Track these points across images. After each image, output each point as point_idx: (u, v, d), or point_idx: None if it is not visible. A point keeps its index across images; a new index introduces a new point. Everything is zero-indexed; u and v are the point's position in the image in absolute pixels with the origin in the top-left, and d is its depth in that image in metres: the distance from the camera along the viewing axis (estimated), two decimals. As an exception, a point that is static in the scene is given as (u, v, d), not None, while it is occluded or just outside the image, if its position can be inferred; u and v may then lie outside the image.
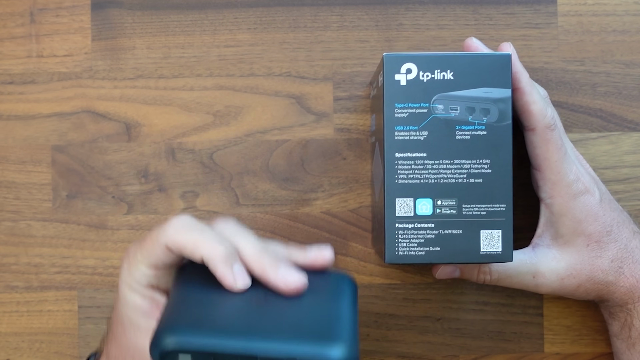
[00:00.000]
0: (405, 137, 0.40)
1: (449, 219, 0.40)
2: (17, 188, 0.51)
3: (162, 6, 0.51)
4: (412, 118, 0.40)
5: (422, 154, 0.40)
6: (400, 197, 0.40)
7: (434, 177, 0.40)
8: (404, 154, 0.40)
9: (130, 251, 0.39)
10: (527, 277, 0.45)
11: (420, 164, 0.40)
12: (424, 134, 0.40)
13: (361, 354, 0.51)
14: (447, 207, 0.40)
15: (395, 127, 0.40)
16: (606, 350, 0.50)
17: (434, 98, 0.40)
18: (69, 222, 0.51)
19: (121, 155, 0.51)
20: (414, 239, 0.40)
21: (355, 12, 0.51)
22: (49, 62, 0.51)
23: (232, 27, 0.51)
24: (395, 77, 0.40)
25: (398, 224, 0.40)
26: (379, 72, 0.42)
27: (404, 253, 0.40)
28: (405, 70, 0.40)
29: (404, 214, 0.40)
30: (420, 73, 0.40)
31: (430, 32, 0.51)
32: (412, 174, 0.40)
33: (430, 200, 0.40)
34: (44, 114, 0.51)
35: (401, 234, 0.40)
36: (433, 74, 0.40)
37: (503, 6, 0.51)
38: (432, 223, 0.40)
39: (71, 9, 0.51)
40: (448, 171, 0.40)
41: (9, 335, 0.51)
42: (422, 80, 0.40)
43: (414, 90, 0.40)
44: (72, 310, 0.51)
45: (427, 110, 0.40)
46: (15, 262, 0.51)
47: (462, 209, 0.40)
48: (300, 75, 0.51)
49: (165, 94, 0.51)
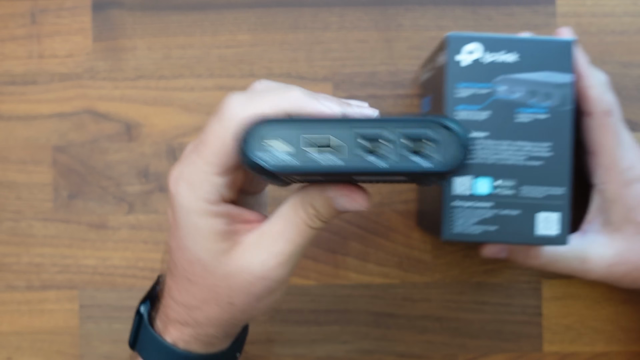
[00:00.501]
0: (466, 117, 0.40)
1: (507, 200, 0.40)
2: (18, 188, 0.51)
3: (163, 7, 0.51)
4: (474, 98, 0.40)
5: (482, 133, 0.40)
6: (459, 176, 0.40)
7: (494, 158, 0.40)
8: None
9: (182, 167, 0.34)
10: (575, 263, 0.45)
11: (480, 144, 0.40)
12: (485, 115, 0.40)
13: (361, 353, 0.51)
14: (506, 187, 0.40)
15: (455, 106, 0.40)
16: (605, 350, 0.51)
17: (496, 79, 0.40)
18: (70, 222, 0.51)
19: (122, 156, 0.51)
20: (471, 217, 0.40)
21: (355, 13, 0.51)
22: (50, 62, 0.51)
23: (232, 28, 0.51)
24: (458, 58, 0.40)
25: (455, 202, 0.40)
26: (437, 53, 0.43)
27: (459, 231, 0.40)
28: (468, 51, 0.40)
29: (462, 192, 0.40)
30: (484, 54, 0.40)
31: (430, 32, 0.51)
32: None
33: (489, 179, 0.40)
34: (45, 115, 0.51)
35: (458, 212, 0.40)
36: (496, 56, 0.40)
37: (502, 7, 0.51)
38: (489, 202, 0.40)
39: (72, 10, 0.51)
40: (508, 152, 0.40)
41: (10, 335, 0.51)
42: (485, 62, 0.40)
43: (476, 71, 0.40)
44: (73, 309, 0.51)
45: (489, 92, 0.40)
46: (17, 261, 0.51)
47: (520, 190, 0.40)
48: (300, 76, 0.51)
49: (166, 95, 0.51)
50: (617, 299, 0.51)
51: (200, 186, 0.33)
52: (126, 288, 0.51)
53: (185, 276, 0.35)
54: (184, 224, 0.34)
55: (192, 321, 0.36)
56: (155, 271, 0.50)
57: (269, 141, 0.31)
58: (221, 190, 0.33)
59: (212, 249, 0.34)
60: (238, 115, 0.32)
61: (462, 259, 0.51)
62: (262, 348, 0.51)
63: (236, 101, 0.33)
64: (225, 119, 0.32)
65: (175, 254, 0.35)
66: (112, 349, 0.51)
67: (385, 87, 0.51)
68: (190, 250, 0.34)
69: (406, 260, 0.51)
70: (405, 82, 0.51)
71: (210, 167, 0.33)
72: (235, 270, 0.34)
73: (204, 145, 0.33)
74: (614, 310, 0.51)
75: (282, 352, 0.51)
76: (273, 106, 0.32)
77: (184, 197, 0.33)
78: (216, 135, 0.32)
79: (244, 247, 0.34)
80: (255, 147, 0.31)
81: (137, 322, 0.39)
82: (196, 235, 0.34)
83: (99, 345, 0.51)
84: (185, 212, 0.33)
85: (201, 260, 0.34)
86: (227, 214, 0.34)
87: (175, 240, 0.35)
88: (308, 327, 0.51)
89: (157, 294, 0.40)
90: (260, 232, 0.35)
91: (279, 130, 0.31)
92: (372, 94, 0.51)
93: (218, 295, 0.35)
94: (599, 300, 0.51)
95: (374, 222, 0.51)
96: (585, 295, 0.51)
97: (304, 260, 0.51)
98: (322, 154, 0.31)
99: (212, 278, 0.34)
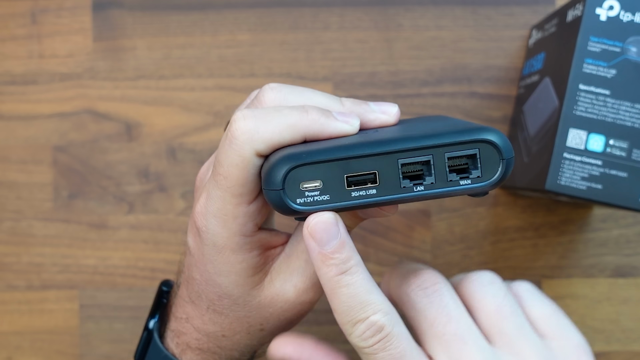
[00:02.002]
0: (593, 71, 0.40)
1: (617, 161, 0.40)
2: (19, 188, 0.51)
3: (163, 7, 0.51)
4: (604, 54, 0.40)
5: (605, 91, 0.40)
6: (574, 128, 0.40)
7: (612, 116, 0.40)
8: (588, 87, 0.40)
9: (207, 203, 0.31)
10: None
11: (601, 101, 0.40)
12: (612, 73, 0.40)
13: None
14: (618, 148, 0.40)
15: (585, 59, 0.40)
16: (604, 350, 0.51)
17: (629, 40, 0.40)
18: (70, 222, 0.51)
19: (122, 155, 0.51)
20: (579, 171, 0.40)
21: (355, 13, 0.51)
22: (50, 62, 0.51)
23: (232, 28, 0.51)
24: (597, 11, 0.40)
25: (566, 154, 0.40)
26: (569, 7, 0.43)
27: (565, 183, 0.40)
28: (607, 7, 0.40)
29: (575, 145, 0.40)
30: (622, 12, 0.40)
31: (430, 32, 0.51)
32: (591, 109, 0.40)
33: (603, 137, 0.40)
34: (45, 114, 0.51)
35: (567, 164, 0.40)
36: (634, 16, 0.40)
37: (502, 7, 0.51)
38: (600, 160, 0.40)
39: (72, 10, 0.51)
40: (627, 113, 0.40)
41: (10, 334, 0.51)
42: (622, 20, 0.40)
43: (611, 27, 0.40)
44: (73, 309, 0.51)
45: (620, 50, 0.40)
46: (17, 261, 0.51)
47: (632, 153, 0.40)
48: (300, 76, 0.51)
49: (166, 94, 0.51)
50: (617, 299, 0.51)
51: (235, 220, 0.31)
52: (126, 288, 0.51)
53: (213, 308, 0.34)
54: (215, 261, 0.32)
55: (217, 348, 0.35)
56: (155, 271, 0.51)
57: (307, 184, 0.29)
58: (256, 219, 0.32)
59: (245, 284, 0.33)
60: (253, 139, 0.30)
61: (462, 259, 0.51)
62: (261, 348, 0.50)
63: (249, 123, 0.30)
64: (239, 145, 0.30)
65: (201, 286, 0.34)
66: (112, 348, 0.51)
67: (386, 87, 0.51)
68: (221, 286, 0.33)
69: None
70: (405, 82, 0.51)
71: (239, 198, 0.31)
72: (268, 300, 0.33)
73: (225, 178, 0.30)
74: (614, 310, 0.51)
75: (282, 352, 0.51)
76: (290, 129, 0.30)
77: (216, 234, 0.32)
78: (236, 165, 0.30)
79: (274, 275, 0.33)
80: (293, 194, 0.29)
81: (146, 339, 0.38)
82: (230, 273, 0.32)
83: (99, 345, 0.51)
84: (218, 250, 0.32)
85: (233, 295, 0.33)
86: (259, 244, 0.33)
87: (201, 274, 0.34)
88: (308, 327, 0.51)
89: (167, 309, 0.38)
90: (287, 256, 0.34)
91: (319, 171, 0.29)
92: (372, 94, 0.51)
93: (250, 325, 0.34)
94: (599, 300, 0.51)
95: (373, 222, 0.51)
96: (585, 295, 0.51)
97: (304, 260, 0.51)
98: (366, 190, 0.29)
99: (242, 311, 0.34)
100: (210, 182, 0.31)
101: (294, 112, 0.30)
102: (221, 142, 0.31)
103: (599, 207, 0.50)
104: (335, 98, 0.33)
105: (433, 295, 0.32)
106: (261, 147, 0.30)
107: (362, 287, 0.30)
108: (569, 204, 0.51)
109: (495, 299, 0.33)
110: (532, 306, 0.34)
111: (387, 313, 0.30)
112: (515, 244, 0.51)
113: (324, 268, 0.29)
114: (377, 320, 0.30)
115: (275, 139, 0.30)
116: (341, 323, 0.30)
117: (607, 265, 0.51)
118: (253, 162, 0.30)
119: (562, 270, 0.51)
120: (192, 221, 0.33)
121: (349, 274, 0.29)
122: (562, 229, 0.51)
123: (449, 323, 0.32)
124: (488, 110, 0.51)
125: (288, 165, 0.29)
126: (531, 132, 0.46)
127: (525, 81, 0.49)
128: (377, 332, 0.30)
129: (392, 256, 0.51)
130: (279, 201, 0.29)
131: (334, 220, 0.29)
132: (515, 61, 0.51)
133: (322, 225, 0.29)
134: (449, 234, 0.51)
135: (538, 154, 0.43)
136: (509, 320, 0.33)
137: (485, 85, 0.51)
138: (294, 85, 0.33)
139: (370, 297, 0.30)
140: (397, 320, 0.30)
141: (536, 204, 0.51)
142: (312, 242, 0.29)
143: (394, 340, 0.30)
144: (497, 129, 0.30)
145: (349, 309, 0.30)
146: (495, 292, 0.33)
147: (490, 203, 0.51)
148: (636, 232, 0.50)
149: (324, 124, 0.30)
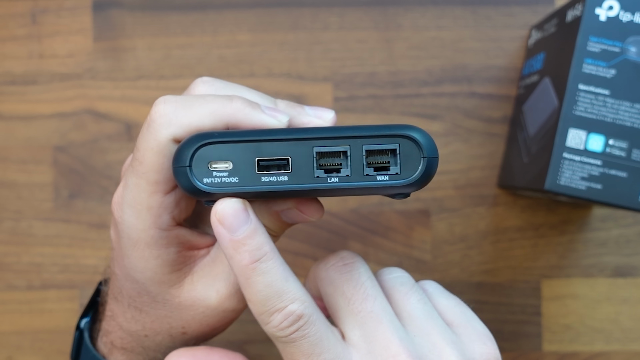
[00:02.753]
0: (593, 71, 0.40)
1: (617, 161, 0.40)
2: (19, 188, 0.51)
3: (163, 7, 0.51)
4: (603, 54, 0.40)
5: (605, 91, 0.40)
6: (574, 128, 0.40)
7: (612, 116, 0.40)
8: (588, 87, 0.40)
9: (124, 191, 0.30)
10: None
11: (601, 101, 0.40)
12: (611, 73, 0.40)
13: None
14: (618, 148, 0.40)
15: (585, 59, 0.40)
16: (604, 349, 0.51)
17: (628, 40, 0.40)
18: (70, 222, 0.51)
19: (122, 155, 0.51)
20: (578, 171, 0.40)
21: (355, 13, 0.51)
22: (51, 62, 0.51)
23: (232, 28, 0.51)
24: (596, 11, 0.40)
25: (566, 154, 0.40)
26: (569, 7, 0.43)
27: (565, 183, 0.40)
28: (607, 7, 0.40)
29: (574, 145, 0.40)
30: (621, 12, 0.40)
31: (430, 32, 0.51)
32: (590, 109, 0.40)
33: (603, 137, 0.40)
34: (45, 114, 0.51)
35: (567, 164, 0.40)
36: (633, 16, 0.40)
37: (502, 7, 0.51)
38: (599, 160, 0.40)
39: (72, 10, 0.51)
40: (627, 113, 0.40)
41: (10, 334, 0.51)
42: (621, 20, 0.40)
43: (611, 27, 0.40)
44: (73, 309, 0.51)
45: (619, 50, 0.40)
46: (17, 261, 0.51)
47: (632, 153, 0.40)
48: (300, 76, 0.51)
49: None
50: (617, 299, 0.51)
51: (149, 211, 0.30)
52: (126, 288, 0.51)
53: (134, 305, 0.33)
54: (131, 255, 0.31)
55: (141, 349, 0.35)
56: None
57: (216, 164, 0.28)
58: (173, 212, 0.31)
59: (162, 282, 0.32)
60: (171, 123, 0.29)
61: (462, 258, 0.51)
62: (262, 348, 0.51)
63: (169, 107, 0.29)
64: (156, 128, 0.29)
65: (120, 282, 0.33)
66: (113, 348, 0.51)
67: (385, 87, 0.51)
68: (138, 282, 0.32)
69: (406, 260, 0.51)
70: (405, 82, 0.51)
71: (155, 186, 0.30)
72: (188, 301, 0.32)
73: (140, 163, 0.29)
74: (614, 310, 0.51)
75: (282, 352, 0.51)
76: (211, 116, 0.29)
77: (131, 225, 0.30)
78: (151, 149, 0.29)
79: (196, 277, 0.32)
80: (200, 173, 0.28)
81: (78, 339, 0.37)
82: (145, 268, 0.31)
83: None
84: (133, 243, 0.31)
85: (151, 292, 0.32)
86: (177, 241, 0.31)
87: (120, 269, 0.33)
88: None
89: (99, 307, 0.37)
90: (212, 259, 0.33)
91: (229, 152, 0.28)
92: (372, 94, 0.51)
93: (170, 326, 0.33)
94: (599, 300, 0.51)
95: (373, 222, 0.51)
96: (585, 295, 0.51)
97: (304, 259, 0.51)
98: (277, 176, 0.28)
99: (163, 309, 0.33)
100: (129, 169, 0.31)
101: (218, 100, 0.29)
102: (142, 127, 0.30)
103: (599, 207, 0.51)
104: (269, 98, 0.32)
105: (351, 272, 0.32)
106: (178, 131, 0.29)
107: (277, 275, 0.29)
108: (569, 203, 0.51)
109: (403, 287, 0.33)
110: (439, 299, 0.34)
111: (304, 301, 0.29)
112: (515, 244, 0.51)
113: (236, 256, 0.28)
114: (295, 310, 0.29)
115: (194, 124, 0.29)
116: (257, 313, 0.29)
117: (607, 265, 0.51)
118: (169, 147, 0.29)
119: (562, 270, 0.51)
120: (112, 214, 0.32)
121: (263, 261, 0.29)
122: (562, 229, 0.51)
123: (365, 300, 0.31)
124: (488, 110, 0.51)
125: (197, 143, 0.28)
126: (531, 132, 0.46)
127: (525, 81, 0.49)
128: (295, 322, 0.29)
129: (392, 256, 0.51)
130: (185, 179, 0.28)
131: (242, 205, 0.28)
132: (515, 61, 0.51)
133: (230, 211, 0.28)
134: (449, 234, 0.51)
135: (538, 154, 0.43)
136: (417, 307, 0.32)
137: (485, 85, 0.51)
138: (229, 82, 0.32)
139: (286, 285, 0.29)
140: (314, 306, 0.30)
141: (536, 204, 0.51)
142: (221, 229, 0.28)
143: (311, 327, 0.29)
144: (423, 129, 0.29)
145: (265, 298, 0.29)
146: (403, 281, 0.33)
147: (490, 203, 0.51)
148: (636, 232, 0.51)
149: (248, 114, 0.29)
